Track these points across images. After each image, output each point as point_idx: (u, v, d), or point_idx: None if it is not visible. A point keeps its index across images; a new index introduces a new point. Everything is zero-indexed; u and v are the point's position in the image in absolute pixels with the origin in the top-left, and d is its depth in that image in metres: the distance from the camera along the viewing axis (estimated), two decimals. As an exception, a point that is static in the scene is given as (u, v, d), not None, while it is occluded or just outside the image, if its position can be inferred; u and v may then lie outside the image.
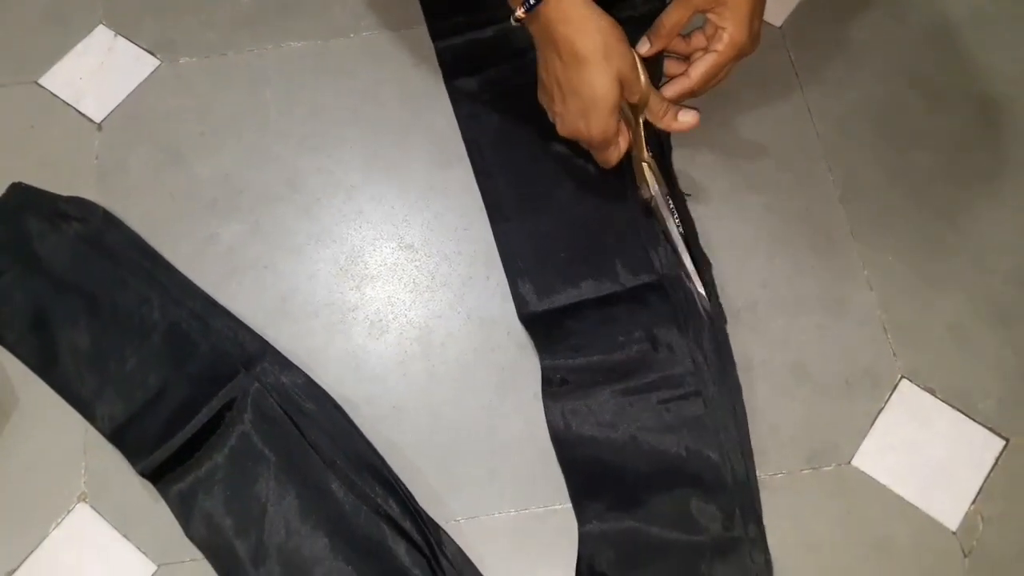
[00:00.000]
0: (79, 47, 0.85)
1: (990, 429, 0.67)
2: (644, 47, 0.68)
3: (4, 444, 0.70)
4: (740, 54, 0.66)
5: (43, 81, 0.83)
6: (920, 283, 0.72)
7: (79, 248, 0.75)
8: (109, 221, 0.76)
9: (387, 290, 0.74)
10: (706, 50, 0.67)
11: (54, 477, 0.69)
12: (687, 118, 0.68)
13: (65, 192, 0.78)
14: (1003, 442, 0.66)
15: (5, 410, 0.70)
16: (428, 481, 0.67)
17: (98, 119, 0.81)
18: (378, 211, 0.77)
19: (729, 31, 0.65)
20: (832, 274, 0.72)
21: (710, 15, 0.65)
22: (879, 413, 0.68)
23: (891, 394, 0.68)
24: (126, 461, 0.68)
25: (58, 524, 0.67)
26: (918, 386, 0.68)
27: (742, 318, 0.71)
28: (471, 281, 0.74)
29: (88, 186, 0.78)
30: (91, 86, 0.83)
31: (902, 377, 0.69)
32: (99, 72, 0.83)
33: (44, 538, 0.67)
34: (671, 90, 0.68)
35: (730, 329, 0.70)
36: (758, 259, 0.73)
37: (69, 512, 0.67)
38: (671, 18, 0.66)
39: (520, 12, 0.64)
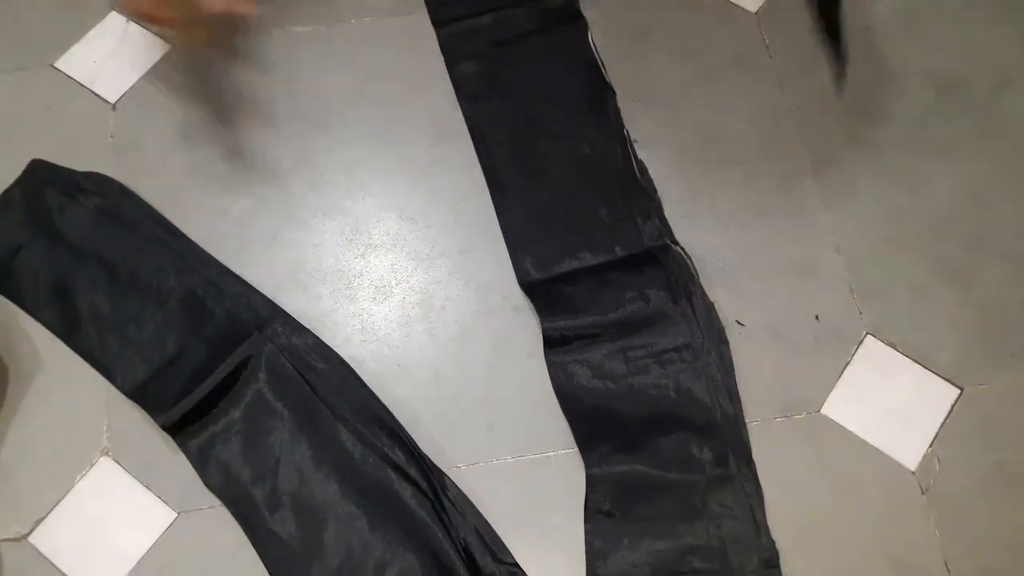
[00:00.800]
0: (93, 32, 0.89)
1: (946, 380, 0.72)
2: None
3: (30, 404, 0.74)
4: None
5: (59, 64, 0.87)
6: (883, 247, 0.77)
7: (98, 220, 0.79)
8: (125, 194, 0.81)
9: (390, 258, 0.79)
10: None
11: (78, 433, 0.73)
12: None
13: (83, 169, 0.82)
14: (958, 391, 0.72)
15: (29, 372, 0.75)
16: (431, 432, 0.72)
17: (112, 100, 0.86)
18: (380, 185, 0.82)
19: None
20: (803, 240, 0.78)
21: None
22: (846, 366, 0.73)
23: (857, 348, 0.74)
24: (146, 418, 0.72)
25: (83, 476, 0.71)
26: (881, 341, 0.74)
27: (722, 282, 0.76)
28: (468, 249, 0.79)
29: (104, 163, 0.82)
30: (105, 69, 0.87)
31: (867, 333, 0.74)
32: (113, 56, 0.88)
33: (70, 489, 0.71)
34: None
35: (710, 292, 0.76)
36: (735, 227, 0.78)
37: (93, 465, 0.72)
38: None
39: None
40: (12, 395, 0.74)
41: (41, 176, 0.81)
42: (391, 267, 0.79)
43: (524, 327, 0.76)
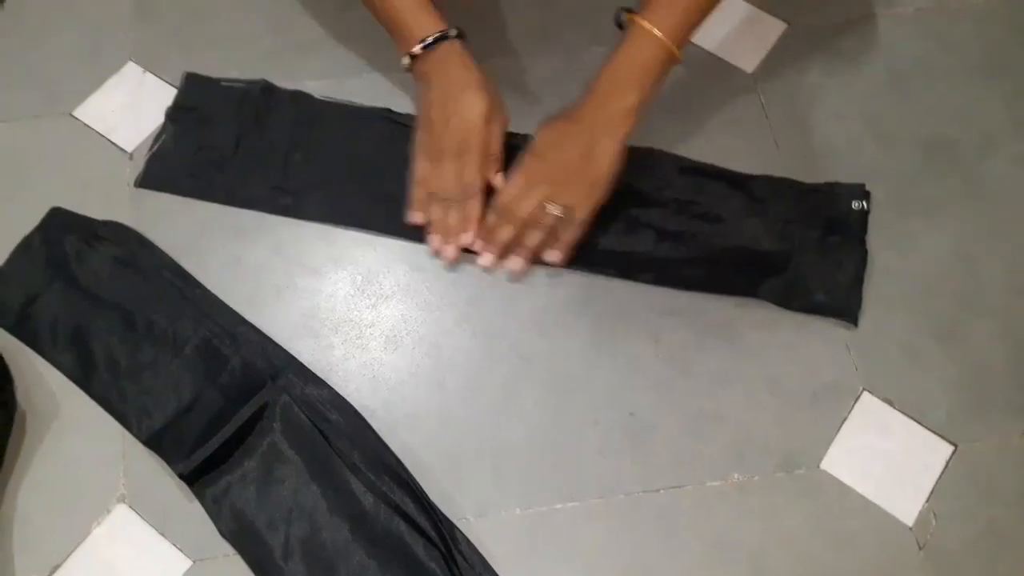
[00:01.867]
0: (111, 81, 0.91)
1: (941, 436, 0.75)
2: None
3: (47, 449, 0.75)
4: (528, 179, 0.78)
5: (77, 113, 0.89)
6: (876, 305, 0.80)
7: (115, 268, 0.81)
8: (142, 243, 0.82)
9: (400, 308, 0.81)
10: None
11: (94, 479, 0.74)
12: (497, 181, 0.80)
13: (100, 217, 0.84)
14: (952, 447, 0.75)
15: (46, 418, 0.76)
16: (440, 482, 0.74)
17: (129, 149, 0.88)
18: (389, 237, 0.84)
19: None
20: (801, 297, 0.81)
21: None
22: (843, 421, 0.76)
23: (854, 404, 0.76)
24: (162, 465, 0.74)
25: (99, 523, 0.73)
26: (877, 397, 0.76)
27: (720, 335, 0.79)
28: (476, 300, 0.81)
29: (121, 211, 0.84)
30: (122, 118, 0.89)
31: (863, 389, 0.77)
32: (129, 105, 0.90)
33: (86, 536, 0.72)
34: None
35: (710, 344, 0.78)
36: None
37: (109, 512, 0.73)
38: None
39: (418, 49, 0.78)
40: (29, 441, 0.75)
41: (60, 223, 0.83)
42: (401, 317, 0.81)
43: (531, 376, 0.78)
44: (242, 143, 0.87)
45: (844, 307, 0.79)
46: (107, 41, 0.93)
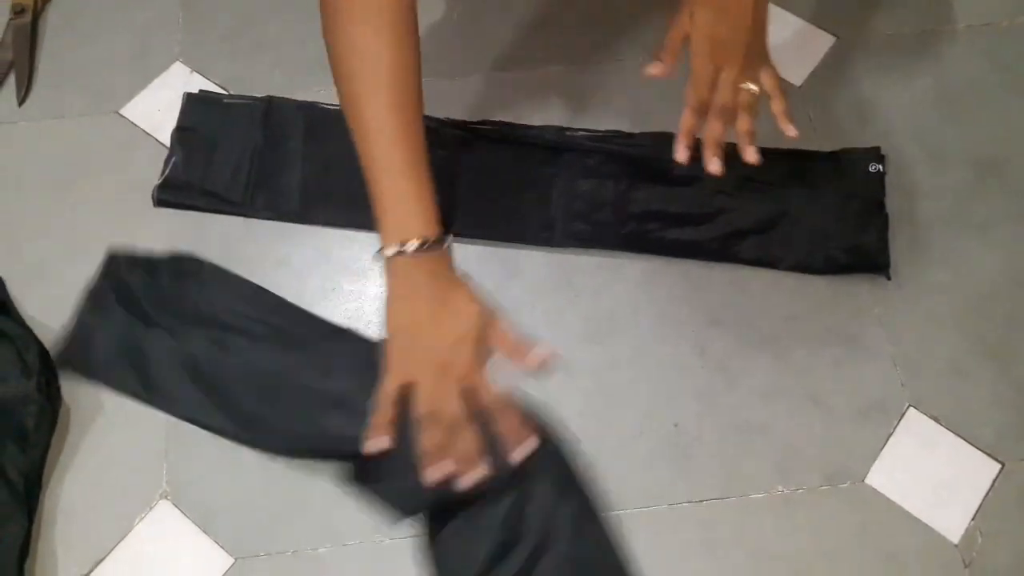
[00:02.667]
0: (157, 81, 0.92)
1: (987, 454, 0.74)
2: (656, 68, 0.71)
3: (91, 444, 0.75)
4: (713, 44, 0.68)
5: (124, 111, 0.90)
6: (924, 322, 0.80)
7: (184, 297, 0.80)
8: (205, 267, 0.82)
9: (444, 313, 0.81)
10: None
11: (137, 475, 0.74)
12: (535, 361, 0.70)
13: (142, 218, 0.84)
14: (999, 466, 0.74)
15: (90, 413, 0.76)
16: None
17: (174, 147, 0.89)
18: None
19: (692, 51, 0.69)
20: (847, 312, 0.80)
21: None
22: (889, 437, 0.75)
23: (899, 421, 0.76)
24: (205, 461, 0.74)
25: (142, 518, 0.73)
26: (924, 414, 0.76)
27: (766, 347, 0.79)
28: (519, 309, 0.81)
29: (165, 211, 0.85)
30: (168, 117, 0.90)
31: (909, 406, 0.76)
32: (176, 104, 0.90)
33: (129, 531, 0.72)
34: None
35: (756, 356, 0.78)
36: (783, 296, 0.81)
37: (152, 508, 0.73)
38: (671, 38, 0.71)
39: (409, 249, 0.67)
40: (73, 436, 0.76)
41: (122, 264, 0.81)
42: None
43: (575, 385, 0.78)
44: (254, 159, 0.86)
45: (873, 263, 0.81)
46: (155, 41, 0.94)
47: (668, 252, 0.83)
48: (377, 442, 0.68)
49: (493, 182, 0.86)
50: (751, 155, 0.72)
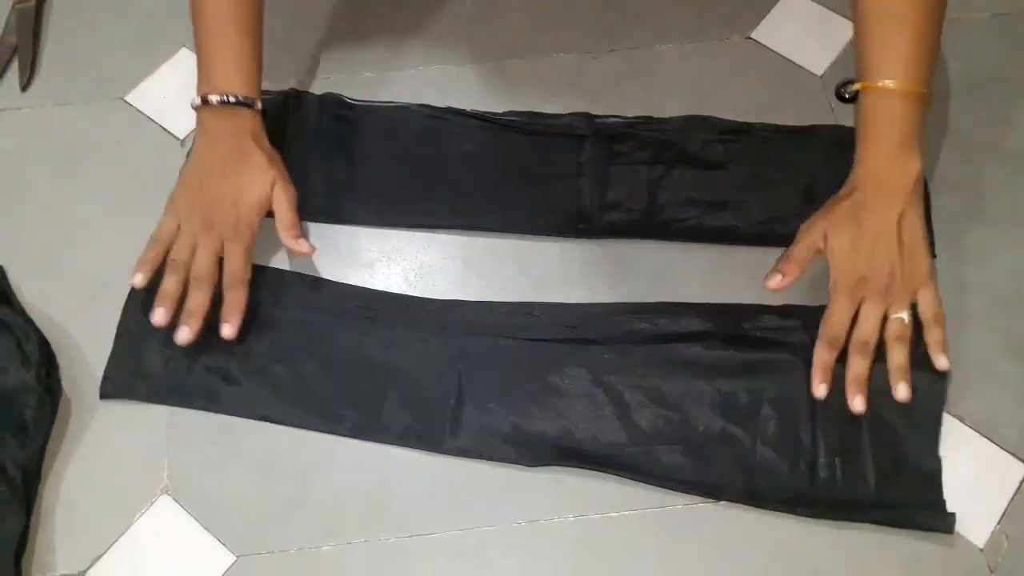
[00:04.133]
0: (164, 67, 0.90)
1: (1014, 455, 0.72)
2: (775, 281, 0.71)
3: (91, 437, 0.74)
4: (855, 277, 0.69)
5: (129, 98, 0.89)
6: (949, 318, 0.77)
7: None
8: None
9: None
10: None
11: (138, 470, 0.73)
12: (303, 247, 0.75)
13: (147, 207, 0.82)
14: (1026, 467, 0.72)
15: (91, 406, 0.75)
16: (490, 485, 0.72)
17: (181, 135, 0.87)
18: (444, 233, 0.83)
19: (832, 279, 0.70)
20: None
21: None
22: (912, 436, 0.73)
23: (923, 420, 0.73)
24: (207, 457, 0.73)
25: (142, 514, 0.71)
26: (949, 413, 0.73)
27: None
28: (532, 299, 0.79)
29: (171, 198, 0.83)
30: (174, 104, 0.88)
31: (934, 405, 0.74)
32: (182, 91, 0.88)
33: (129, 527, 0.71)
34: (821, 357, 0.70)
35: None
36: (803, 282, 0.78)
37: (152, 503, 0.72)
38: (799, 252, 0.71)
39: (214, 100, 0.72)
40: (73, 429, 0.74)
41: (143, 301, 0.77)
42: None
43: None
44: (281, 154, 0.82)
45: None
46: (161, 27, 0.93)
47: (709, 239, 0.80)
48: (136, 278, 0.73)
49: (523, 175, 0.83)
50: (903, 392, 0.69)
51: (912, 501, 0.69)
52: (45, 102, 0.89)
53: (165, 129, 0.87)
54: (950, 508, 0.70)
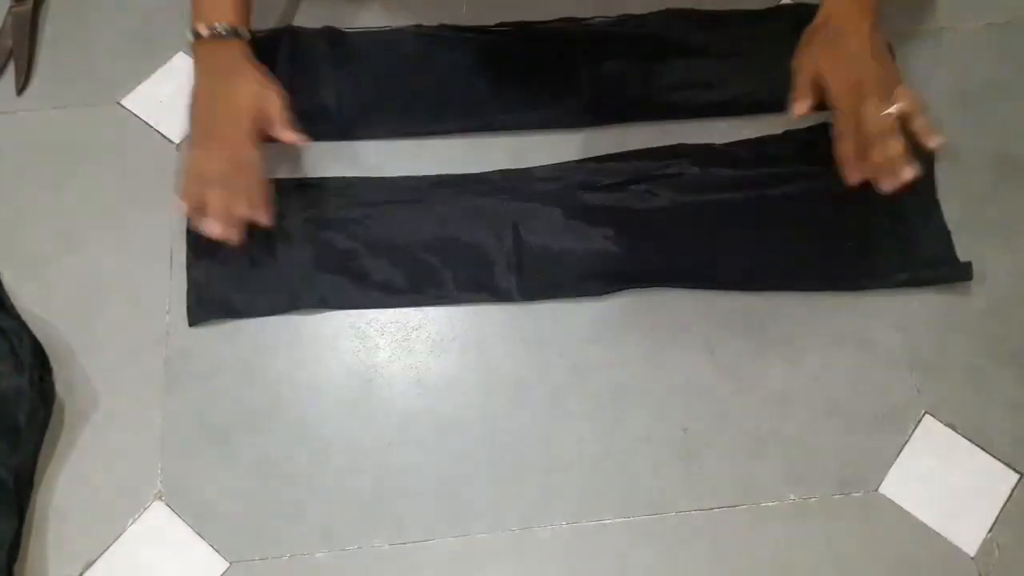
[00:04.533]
0: (160, 72, 0.90)
1: (1006, 463, 0.72)
2: (800, 108, 0.79)
3: (85, 442, 0.74)
4: (851, 90, 0.76)
5: (125, 102, 0.88)
6: (941, 326, 0.78)
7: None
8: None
9: (448, 311, 0.79)
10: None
11: (132, 476, 0.73)
12: (297, 138, 0.79)
13: (142, 211, 0.83)
14: (1017, 476, 0.72)
15: (85, 410, 0.75)
16: (485, 491, 0.72)
17: (176, 140, 0.86)
18: (455, 138, 0.85)
19: (832, 92, 0.77)
20: (862, 316, 0.78)
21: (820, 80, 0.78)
22: (904, 445, 0.73)
23: (915, 428, 0.74)
24: (202, 463, 0.73)
25: (135, 520, 0.71)
26: (940, 422, 0.74)
27: (779, 351, 0.77)
28: (528, 306, 0.79)
29: (167, 201, 0.83)
30: (170, 108, 0.88)
31: (925, 413, 0.74)
32: (178, 96, 0.88)
33: (122, 532, 0.71)
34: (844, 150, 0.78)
35: (767, 360, 0.76)
36: (796, 297, 0.79)
37: (146, 509, 0.71)
38: (802, 82, 0.79)
39: (205, 33, 0.78)
40: (67, 433, 0.74)
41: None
42: (448, 320, 0.79)
43: (582, 387, 0.76)
44: (284, 84, 0.83)
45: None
46: (158, 31, 0.92)
47: (703, 114, 0.86)
48: (181, 207, 0.77)
49: (520, 76, 0.89)
50: (911, 171, 0.74)
51: (929, 261, 0.79)
52: (41, 105, 0.88)
53: (160, 133, 0.87)
54: (941, 519, 0.70)
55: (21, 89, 0.89)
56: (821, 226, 0.81)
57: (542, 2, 0.92)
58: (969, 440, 0.73)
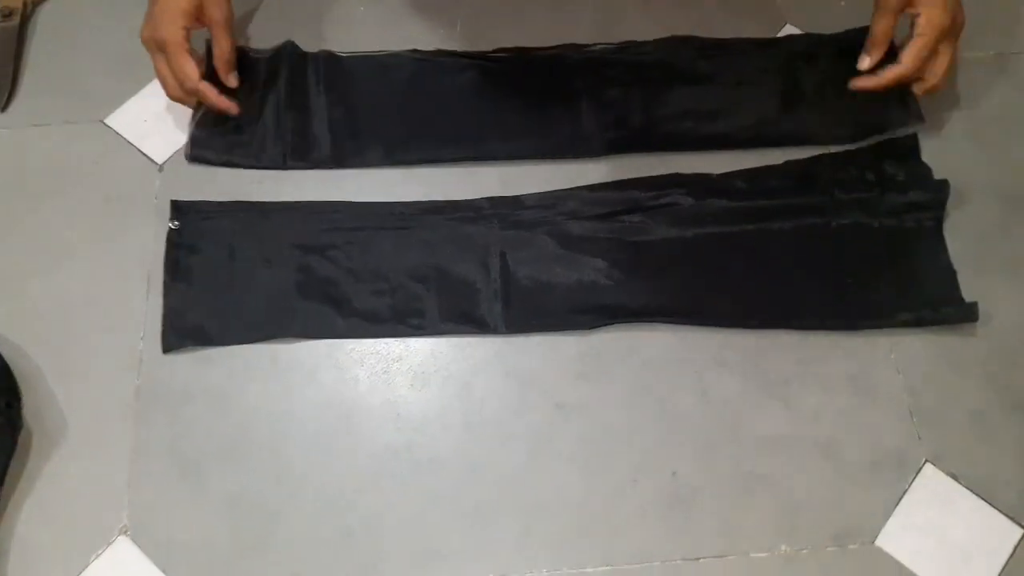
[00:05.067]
0: (145, 90, 0.88)
1: (1010, 517, 0.69)
2: (865, 62, 0.81)
3: (51, 472, 0.71)
4: (941, 34, 0.76)
5: (109, 121, 0.86)
6: (945, 370, 0.74)
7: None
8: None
9: (430, 343, 0.76)
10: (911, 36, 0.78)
11: (97, 509, 0.70)
12: (231, 81, 0.84)
13: (122, 231, 0.81)
14: (1022, 531, 0.68)
15: (54, 439, 0.72)
16: (461, 534, 0.69)
17: (160, 160, 0.84)
18: (448, 167, 0.83)
19: (925, 14, 0.76)
20: (862, 357, 0.75)
21: (909, 9, 0.77)
22: (903, 495, 0.70)
23: (915, 477, 0.70)
24: (169, 497, 0.70)
25: (99, 555, 0.68)
26: (942, 471, 0.70)
27: (774, 392, 0.73)
28: (513, 339, 0.76)
29: (147, 224, 0.81)
30: (154, 128, 0.86)
31: (926, 461, 0.71)
32: (163, 115, 0.87)
33: (84, 568, 0.68)
34: (890, 74, 0.79)
35: (762, 402, 0.73)
36: (793, 336, 0.76)
37: (110, 544, 0.69)
38: (879, 26, 0.79)
39: None
40: (33, 462, 0.71)
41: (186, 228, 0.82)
42: (431, 352, 0.76)
43: (566, 426, 0.73)
44: (280, 109, 0.85)
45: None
46: (143, 51, 0.89)
47: (705, 147, 0.84)
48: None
49: (519, 103, 0.86)
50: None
51: (933, 301, 0.76)
52: (24, 123, 0.87)
53: (144, 153, 0.85)
54: (939, 572, 0.67)
55: (4, 106, 0.87)
56: (820, 262, 0.78)
57: (539, 23, 0.91)
58: (972, 491, 0.70)
